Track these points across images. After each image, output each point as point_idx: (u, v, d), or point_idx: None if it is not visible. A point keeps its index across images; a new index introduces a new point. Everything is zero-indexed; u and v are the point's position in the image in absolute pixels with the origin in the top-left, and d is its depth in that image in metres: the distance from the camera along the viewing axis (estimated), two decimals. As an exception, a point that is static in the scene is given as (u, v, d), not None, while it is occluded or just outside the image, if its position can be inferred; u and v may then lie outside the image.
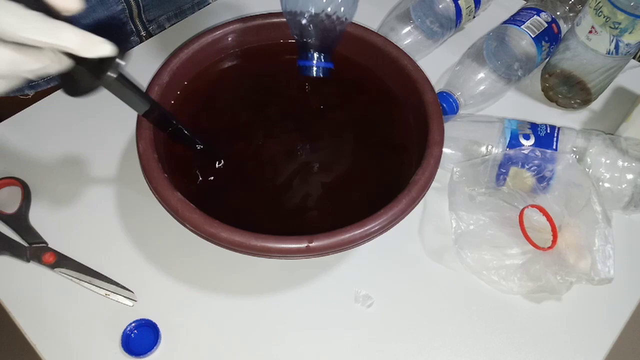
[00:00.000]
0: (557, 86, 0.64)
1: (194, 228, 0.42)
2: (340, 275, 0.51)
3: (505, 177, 0.54)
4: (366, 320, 0.49)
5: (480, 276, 0.50)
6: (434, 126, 0.48)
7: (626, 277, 0.52)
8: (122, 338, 0.46)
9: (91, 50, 0.32)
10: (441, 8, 0.65)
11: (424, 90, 0.51)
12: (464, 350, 0.48)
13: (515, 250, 0.51)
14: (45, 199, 0.54)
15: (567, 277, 0.48)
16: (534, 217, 0.51)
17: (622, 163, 0.53)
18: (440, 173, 0.48)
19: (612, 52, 0.56)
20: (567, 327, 0.50)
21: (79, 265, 0.50)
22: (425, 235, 0.54)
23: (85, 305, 0.48)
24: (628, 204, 0.54)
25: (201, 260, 0.51)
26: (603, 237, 0.48)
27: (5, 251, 0.50)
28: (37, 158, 0.57)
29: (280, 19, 0.55)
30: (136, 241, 0.52)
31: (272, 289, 0.50)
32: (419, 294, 0.51)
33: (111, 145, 0.58)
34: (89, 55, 0.33)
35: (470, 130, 0.57)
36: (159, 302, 0.49)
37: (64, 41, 0.31)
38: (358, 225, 0.42)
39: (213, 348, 0.47)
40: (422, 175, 0.45)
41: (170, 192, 0.43)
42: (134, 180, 0.53)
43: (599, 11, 0.55)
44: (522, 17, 0.63)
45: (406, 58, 0.53)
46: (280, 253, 0.42)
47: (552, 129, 0.55)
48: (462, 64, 0.63)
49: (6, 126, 0.59)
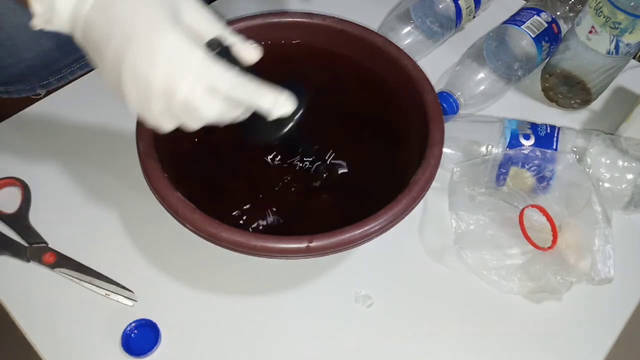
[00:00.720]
0: (557, 86, 0.64)
1: (194, 228, 0.42)
2: (340, 275, 0.51)
3: (505, 177, 0.54)
4: (366, 320, 0.49)
5: (480, 276, 0.50)
6: (434, 126, 0.48)
7: (626, 277, 0.52)
8: (122, 338, 0.46)
9: (277, 111, 0.38)
10: (441, 8, 0.65)
11: (424, 90, 0.51)
12: (463, 350, 0.48)
13: (515, 250, 0.51)
14: (45, 199, 0.54)
15: (567, 277, 0.48)
16: (534, 217, 0.51)
17: (622, 163, 0.53)
18: (440, 173, 0.48)
19: (612, 52, 0.56)
20: (567, 327, 0.50)
21: (79, 265, 0.50)
22: (425, 235, 0.54)
23: (85, 305, 0.48)
24: (628, 204, 0.54)
25: (201, 260, 0.51)
26: (603, 237, 0.48)
27: (5, 251, 0.50)
28: (37, 158, 0.57)
29: (280, 19, 0.55)
30: (136, 241, 0.52)
31: (272, 289, 0.50)
32: (419, 294, 0.51)
33: (111, 145, 0.58)
34: (274, 115, 0.38)
35: (470, 130, 0.57)
36: (159, 302, 0.49)
37: (262, 102, 0.37)
38: (358, 225, 0.42)
39: (213, 348, 0.47)
40: (422, 175, 0.45)
41: (170, 192, 0.43)
42: (134, 180, 0.53)
43: (599, 11, 0.55)
44: (522, 17, 0.63)
45: (406, 58, 0.53)
46: (280, 253, 0.42)
47: (552, 129, 0.55)
48: (462, 64, 0.63)
49: (6, 126, 0.59)
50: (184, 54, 0.35)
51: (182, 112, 0.36)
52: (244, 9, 0.69)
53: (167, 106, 0.35)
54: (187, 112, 0.36)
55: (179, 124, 0.37)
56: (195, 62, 0.35)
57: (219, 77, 0.36)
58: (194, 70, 0.35)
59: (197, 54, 0.35)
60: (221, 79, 0.36)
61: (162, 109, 0.36)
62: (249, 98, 0.37)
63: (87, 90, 0.62)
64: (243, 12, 0.57)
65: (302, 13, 0.55)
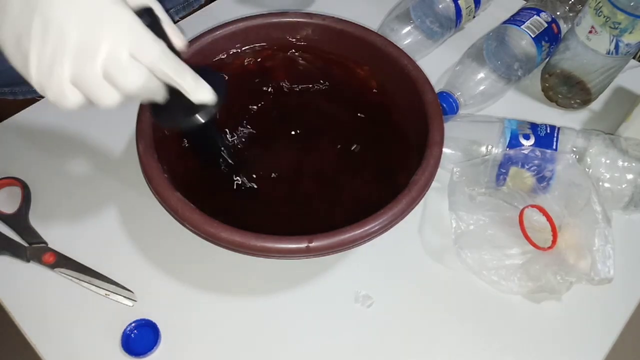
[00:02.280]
0: (557, 86, 0.64)
1: (194, 228, 0.42)
2: (340, 275, 0.51)
3: (505, 177, 0.54)
4: (366, 320, 0.49)
5: (480, 276, 0.50)
6: (434, 126, 0.48)
7: (626, 277, 0.52)
8: (122, 338, 0.46)
9: (197, 94, 0.36)
10: (441, 8, 0.65)
11: (424, 90, 0.51)
12: (463, 349, 0.48)
13: (515, 250, 0.51)
14: (45, 199, 0.54)
15: (567, 277, 0.48)
16: (534, 217, 0.51)
17: (622, 163, 0.53)
18: (440, 173, 0.48)
19: (612, 52, 0.56)
20: (567, 327, 0.50)
21: (79, 265, 0.50)
22: (425, 235, 0.54)
23: (85, 305, 0.48)
24: (628, 204, 0.54)
25: (201, 260, 0.51)
26: (603, 237, 0.48)
27: (5, 251, 0.50)
28: (37, 158, 0.57)
29: (280, 19, 0.55)
30: (136, 241, 0.52)
31: (272, 289, 0.50)
32: (419, 294, 0.51)
33: (111, 145, 0.58)
34: (194, 98, 0.36)
35: (470, 130, 0.57)
36: (159, 302, 0.49)
37: (184, 82, 0.35)
38: (358, 225, 0.42)
39: (213, 348, 0.47)
40: (422, 175, 0.45)
41: (170, 192, 0.43)
42: (134, 180, 0.53)
43: (599, 11, 0.55)
44: (522, 17, 0.63)
45: (406, 58, 0.53)
46: (280, 253, 0.42)
47: (552, 129, 0.55)
48: (462, 64, 0.63)
49: (6, 126, 0.59)
50: (111, 11, 0.30)
51: (97, 79, 0.31)
52: (245, 10, 0.69)
53: (81, 70, 0.30)
54: (105, 78, 0.31)
55: (89, 97, 0.32)
56: (123, 20, 0.30)
57: (148, 44, 0.32)
58: (121, 29, 0.30)
59: (125, 14, 0.31)
60: (150, 46, 0.32)
61: (73, 72, 0.30)
62: (174, 74, 0.34)
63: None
64: (243, 13, 0.57)
65: (301, 13, 0.55)
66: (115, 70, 0.31)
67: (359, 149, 0.53)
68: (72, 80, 0.31)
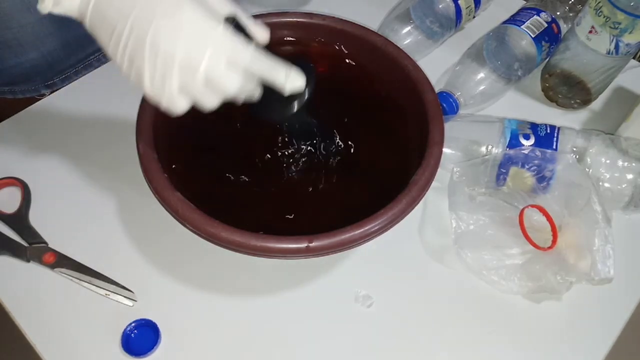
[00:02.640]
0: (557, 86, 0.64)
1: (194, 228, 0.42)
2: (340, 275, 0.51)
3: (505, 177, 0.54)
4: (366, 320, 0.49)
5: (480, 276, 0.50)
6: (434, 126, 0.48)
7: (626, 277, 0.52)
8: (122, 338, 0.46)
9: (290, 86, 0.39)
10: (441, 8, 0.65)
11: (424, 90, 0.51)
12: (463, 349, 0.48)
13: (515, 250, 0.51)
14: (45, 199, 0.54)
15: (567, 277, 0.48)
16: (534, 217, 0.51)
17: (622, 163, 0.53)
18: (440, 173, 0.48)
19: (612, 52, 0.56)
20: (567, 327, 0.50)
21: (79, 265, 0.50)
22: (425, 235, 0.54)
23: (85, 305, 0.48)
24: (628, 204, 0.54)
25: (201, 260, 0.51)
26: (603, 237, 0.48)
27: (5, 251, 0.50)
28: (37, 158, 0.57)
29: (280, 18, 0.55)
30: (136, 241, 0.52)
31: (272, 289, 0.50)
32: (419, 294, 0.51)
33: (111, 144, 0.58)
34: (287, 90, 0.39)
35: (470, 130, 0.57)
36: (159, 302, 0.49)
37: (277, 78, 0.39)
38: (358, 225, 0.42)
39: (213, 348, 0.47)
40: (422, 175, 0.45)
41: (170, 192, 0.43)
42: (134, 180, 0.53)
43: (599, 11, 0.55)
44: (522, 17, 0.63)
45: (406, 58, 0.53)
46: (280, 253, 0.42)
47: (552, 129, 0.55)
48: (462, 64, 0.63)
49: (6, 126, 0.59)
50: (205, 28, 0.36)
51: (202, 87, 0.36)
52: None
53: (187, 81, 0.36)
54: (208, 86, 0.36)
55: (195, 102, 0.38)
56: (217, 36, 0.36)
57: (240, 51, 0.37)
58: (216, 44, 0.36)
59: (217, 28, 0.36)
60: (242, 52, 0.37)
61: (181, 84, 0.36)
62: (267, 72, 0.38)
63: (87, 90, 0.62)
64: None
65: (302, 13, 0.55)
66: (215, 78, 0.36)
67: (358, 148, 0.53)
68: (180, 90, 0.36)
